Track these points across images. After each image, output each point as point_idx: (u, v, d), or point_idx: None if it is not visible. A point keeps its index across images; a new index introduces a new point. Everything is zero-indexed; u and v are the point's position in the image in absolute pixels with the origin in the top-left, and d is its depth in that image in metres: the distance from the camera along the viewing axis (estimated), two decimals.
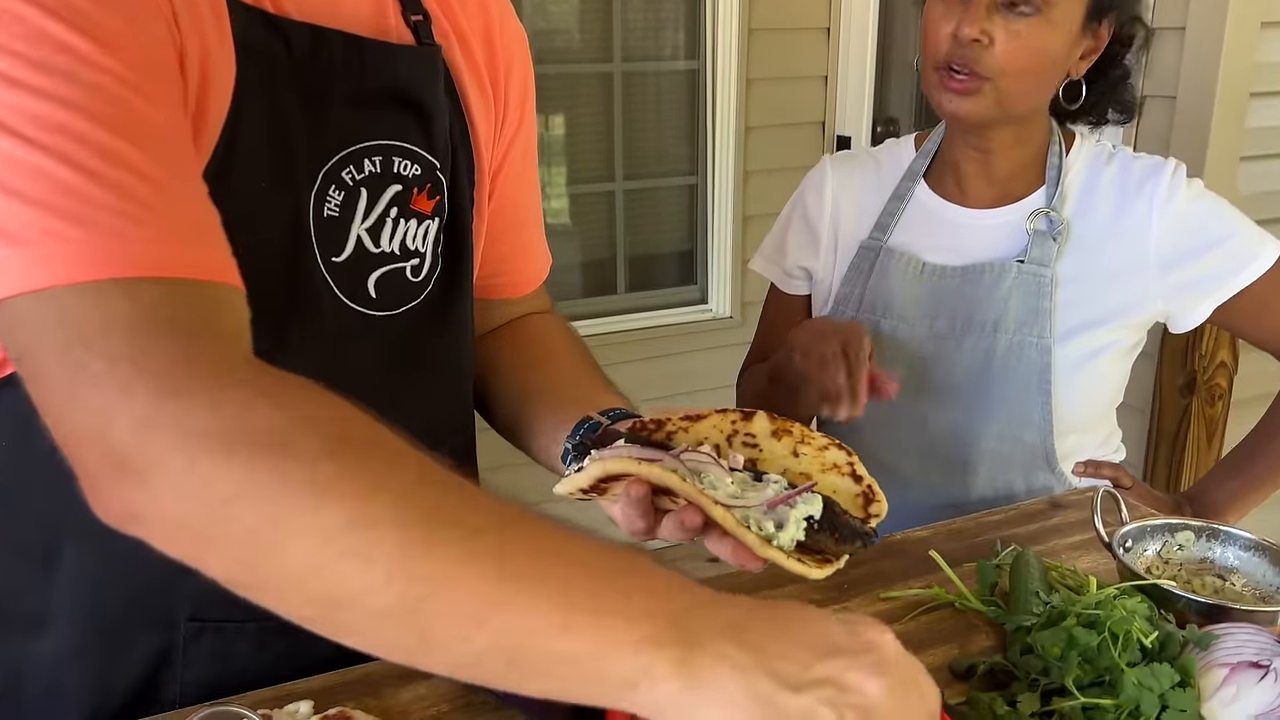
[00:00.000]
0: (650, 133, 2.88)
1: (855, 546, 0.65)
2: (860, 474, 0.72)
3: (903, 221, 1.19)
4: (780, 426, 0.74)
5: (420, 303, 0.80)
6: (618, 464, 0.64)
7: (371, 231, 0.75)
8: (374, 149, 0.74)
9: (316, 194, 0.71)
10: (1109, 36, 1.09)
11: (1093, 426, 1.18)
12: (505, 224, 0.91)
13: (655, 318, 2.94)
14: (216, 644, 0.75)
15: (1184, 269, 1.10)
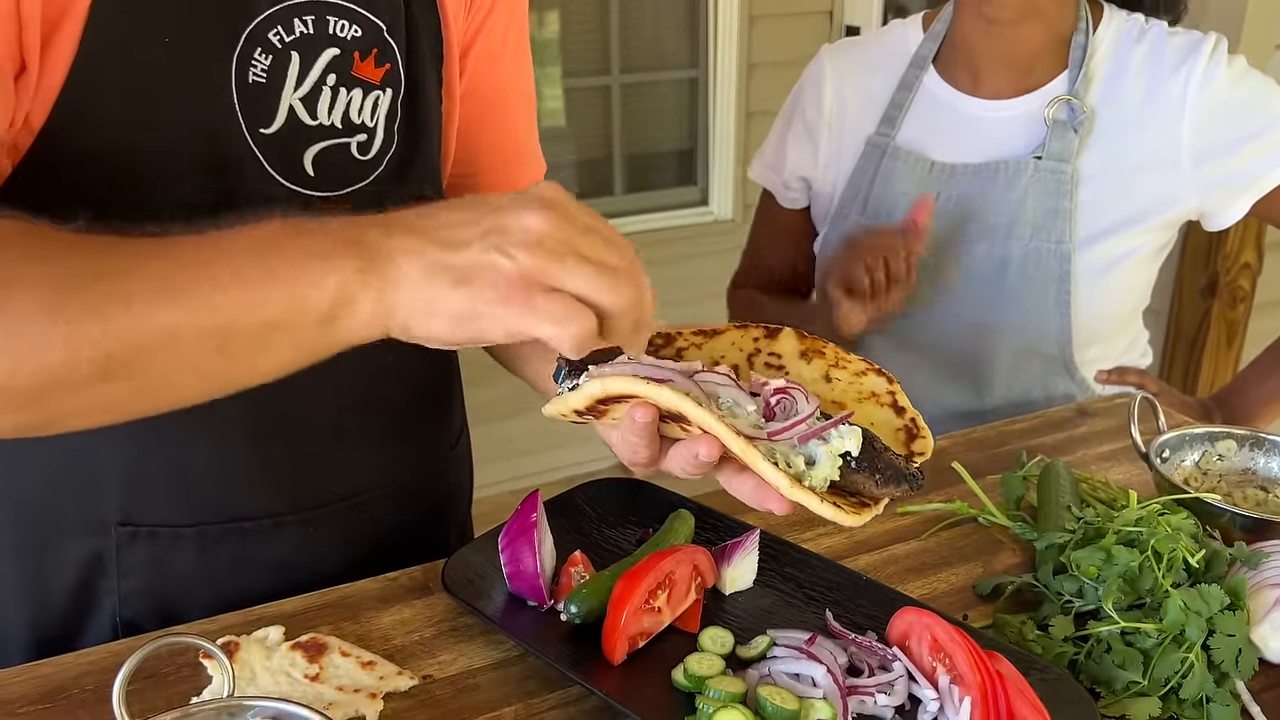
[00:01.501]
0: (648, 23, 2.74)
1: (901, 489, 0.56)
2: (903, 405, 0.62)
3: (911, 114, 1.09)
4: (811, 346, 0.64)
5: (370, 184, 0.72)
6: (621, 383, 0.55)
7: (307, 101, 0.67)
8: (304, 7, 0.66)
9: (239, 58, 0.64)
10: None
11: (1115, 335, 1.10)
12: (481, 111, 0.82)
13: (654, 220, 2.84)
14: (152, 550, 0.71)
15: (1221, 162, 1.00)
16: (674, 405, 0.53)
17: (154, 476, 0.70)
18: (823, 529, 0.82)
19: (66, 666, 0.65)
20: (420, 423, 0.84)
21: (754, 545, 0.72)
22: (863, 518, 0.55)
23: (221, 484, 0.71)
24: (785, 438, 0.55)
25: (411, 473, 0.83)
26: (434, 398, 0.85)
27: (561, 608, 0.67)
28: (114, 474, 0.69)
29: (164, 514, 0.70)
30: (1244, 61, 1.01)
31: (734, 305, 1.31)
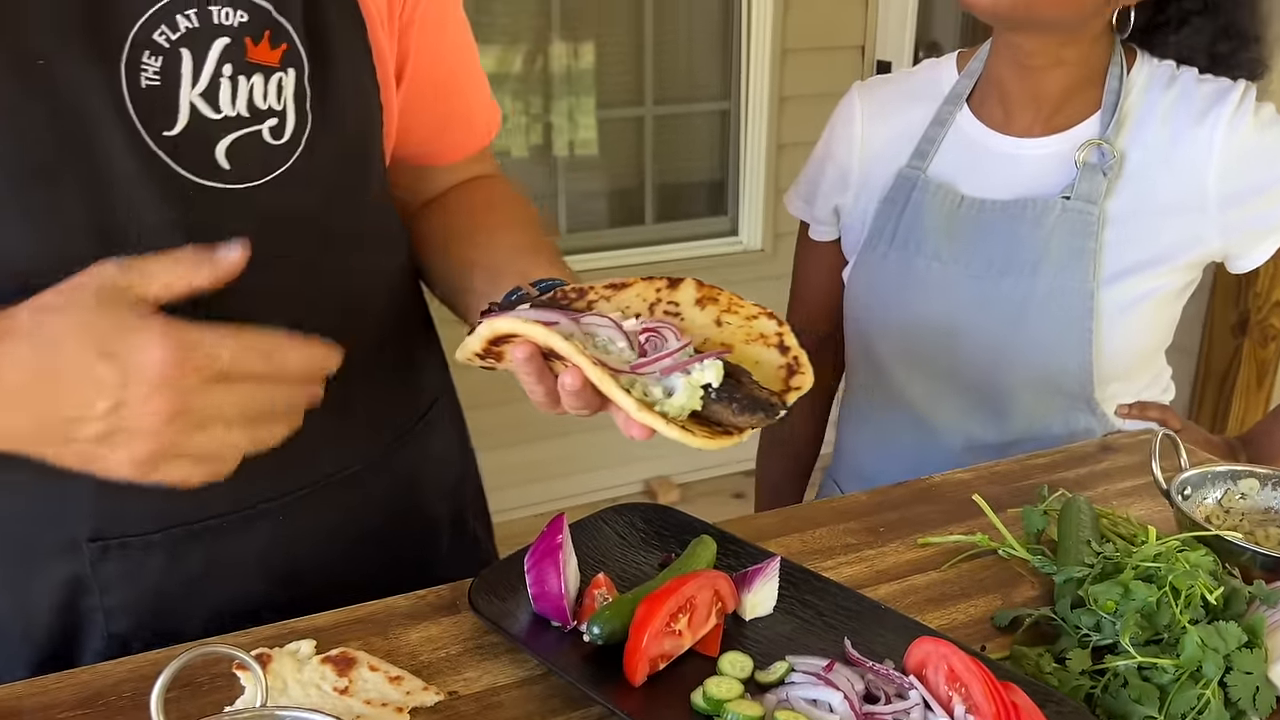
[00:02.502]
0: (682, 56, 2.78)
1: (757, 418, 0.60)
2: (788, 344, 0.66)
3: (943, 149, 1.11)
4: (706, 294, 0.68)
5: (295, 164, 0.72)
6: (505, 324, 0.61)
7: (208, 95, 0.68)
8: (184, 2, 0.66)
9: (128, 64, 0.64)
10: None
11: (1137, 373, 1.10)
12: (429, 86, 0.84)
13: (684, 249, 2.87)
14: (126, 563, 0.72)
15: (1246, 206, 1.01)
16: (545, 340, 0.59)
17: (119, 487, 0.68)
18: (843, 558, 0.83)
19: (106, 674, 0.68)
20: (381, 390, 0.84)
21: (774, 572, 0.73)
22: (719, 443, 0.59)
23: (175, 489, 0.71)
24: (648, 370, 0.60)
25: (378, 446, 0.84)
26: (396, 361, 0.87)
27: (584, 629, 0.68)
28: (81, 490, 0.69)
29: (133, 524, 0.71)
30: (1272, 109, 1.02)
31: None
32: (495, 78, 2.62)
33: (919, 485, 0.95)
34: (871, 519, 0.89)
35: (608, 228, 2.86)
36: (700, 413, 0.60)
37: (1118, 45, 1.06)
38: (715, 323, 0.67)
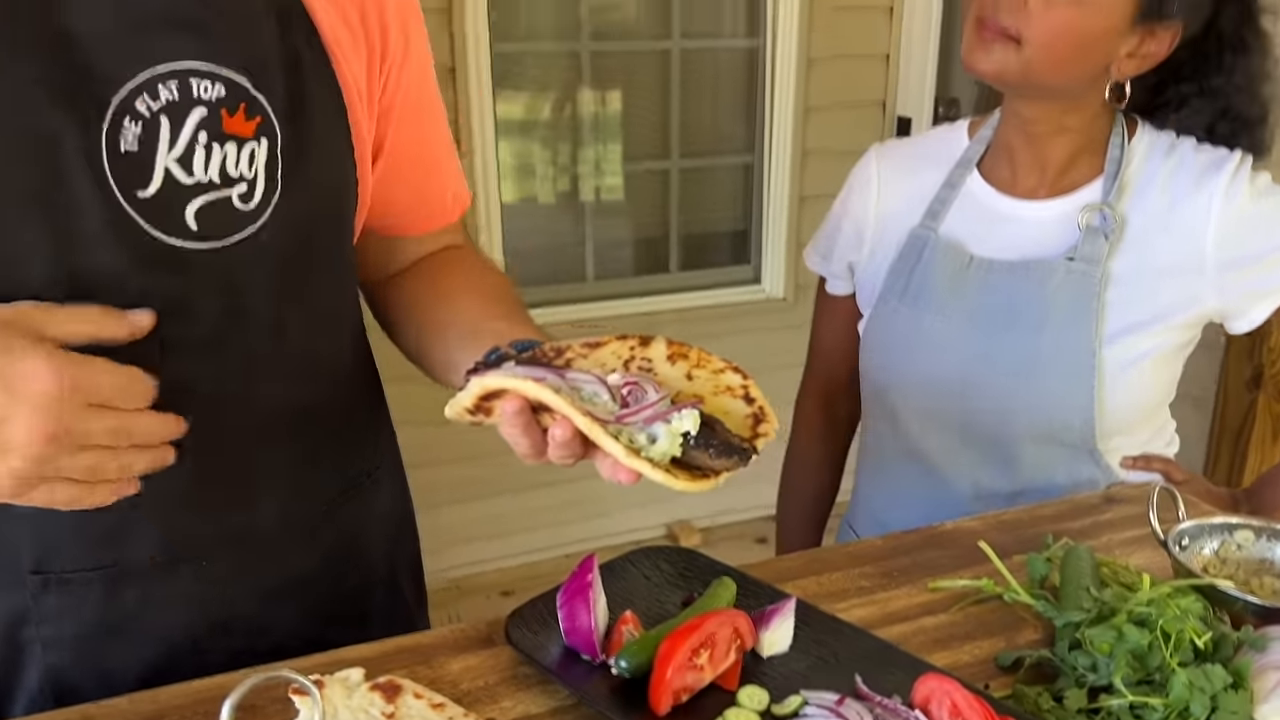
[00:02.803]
0: (707, 111, 2.87)
1: (731, 462, 0.65)
2: (753, 396, 0.71)
3: (953, 210, 1.17)
4: (676, 351, 0.74)
5: (259, 229, 0.76)
6: (495, 381, 0.66)
7: (183, 161, 0.72)
8: (166, 75, 0.71)
9: (110, 130, 0.69)
10: (1171, 44, 1.05)
11: (1139, 427, 1.15)
12: (405, 165, 0.90)
13: (708, 297, 2.93)
14: (65, 598, 0.76)
15: (1243, 271, 1.06)
16: (536, 395, 0.65)
17: (59, 522, 0.73)
18: (856, 600, 0.88)
19: (173, 695, 0.74)
20: (329, 448, 0.88)
21: (790, 612, 0.79)
22: (698, 486, 0.65)
23: (118, 523, 0.76)
24: (632, 420, 0.65)
25: (323, 501, 0.87)
26: (347, 421, 0.90)
27: (612, 662, 0.74)
28: (23, 523, 0.74)
29: (70, 561, 0.76)
30: (1268, 178, 1.08)
31: (800, 412, 1.41)
32: (524, 125, 2.72)
33: (930, 532, 1.00)
34: (884, 564, 0.94)
35: (633, 274, 2.94)
36: (680, 458, 0.65)
37: (1119, 115, 1.12)
38: (686, 377, 0.73)
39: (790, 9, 2.69)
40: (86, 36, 0.68)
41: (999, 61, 1.03)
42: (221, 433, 0.77)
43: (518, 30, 2.59)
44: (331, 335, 0.87)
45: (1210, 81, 1.09)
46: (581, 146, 2.79)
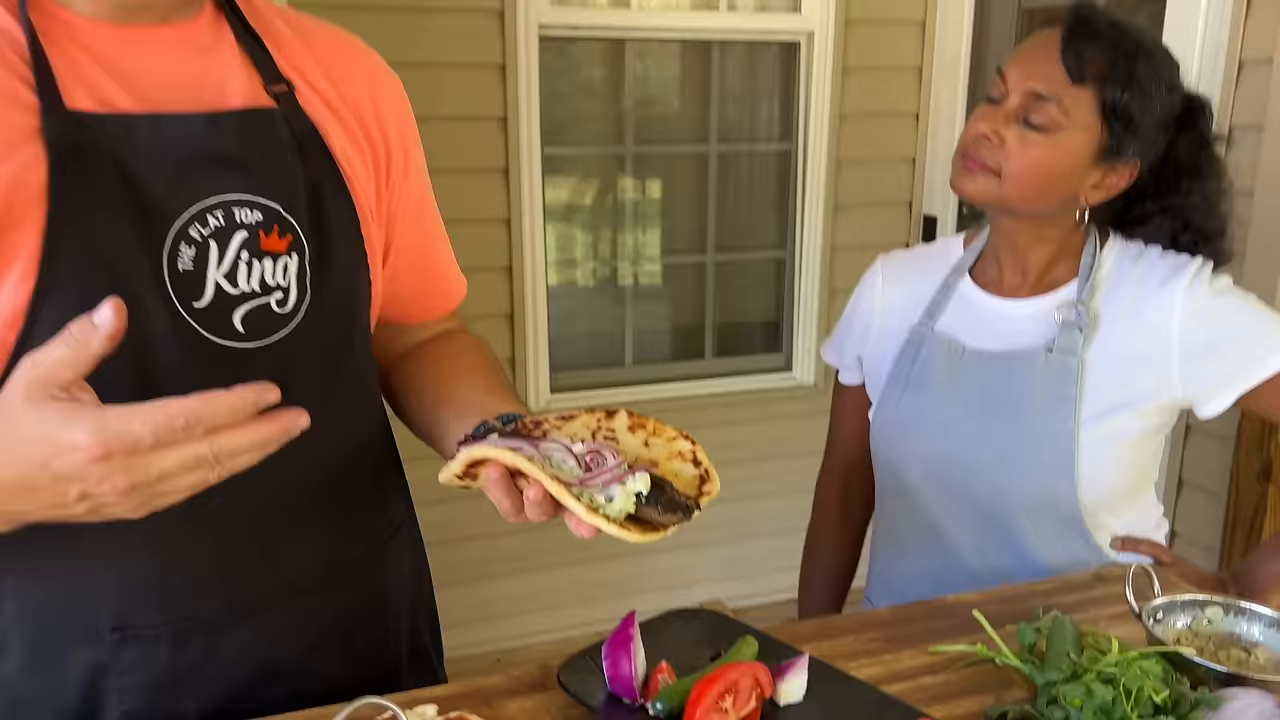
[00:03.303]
0: (742, 209, 3.05)
1: (677, 517, 0.76)
2: (700, 460, 0.82)
3: (949, 310, 1.32)
4: (636, 422, 0.85)
5: (295, 329, 0.89)
6: (480, 450, 0.77)
7: (229, 276, 0.85)
8: (212, 206, 0.84)
9: (169, 254, 0.82)
10: (1130, 176, 1.20)
11: (1123, 506, 1.26)
12: (409, 264, 1.04)
13: (741, 383, 3.07)
14: (141, 651, 0.86)
15: (1206, 361, 1.18)
16: (512, 462, 0.76)
17: (135, 585, 0.85)
18: (864, 660, 0.99)
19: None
20: (356, 512, 0.99)
21: (804, 666, 0.91)
22: (649, 538, 0.75)
23: (190, 583, 0.87)
24: (593, 483, 0.76)
25: (351, 560, 0.98)
26: (370, 488, 1.02)
27: (650, 705, 0.86)
28: (105, 584, 0.85)
29: (148, 617, 0.86)
30: (1226, 280, 1.21)
31: (820, 491, 1.55)
32: (568, 209, 2.90)
33: (934, 604, 1.11)
34: (891, 629, 1.05)
35: (670, 360, 3.08)
36: (634, 514, 0.76)
37: (1093, 227, 1.27)
38: (644, 444, 0.84)
39: (821, 116, 2.88)
40: (150, 180, 0.82)
41: (981, 189, 1.19)
42: (269, 495, 0.87)
43: (566, 135, 2.80)
44: (357, 408, 1.00)
45: (1171, 201, 1.24)
46: (622, 234, 2.97)
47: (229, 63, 0.89)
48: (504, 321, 2.72)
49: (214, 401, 0.66)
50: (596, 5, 2.71)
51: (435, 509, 1.37)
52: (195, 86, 0.87)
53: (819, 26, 2.82)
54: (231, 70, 0.89)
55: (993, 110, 1.19)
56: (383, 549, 1.03)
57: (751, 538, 3.06)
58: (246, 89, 0.89)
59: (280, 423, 0.69)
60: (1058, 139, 1.16)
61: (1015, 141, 1.17)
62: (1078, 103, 1.15)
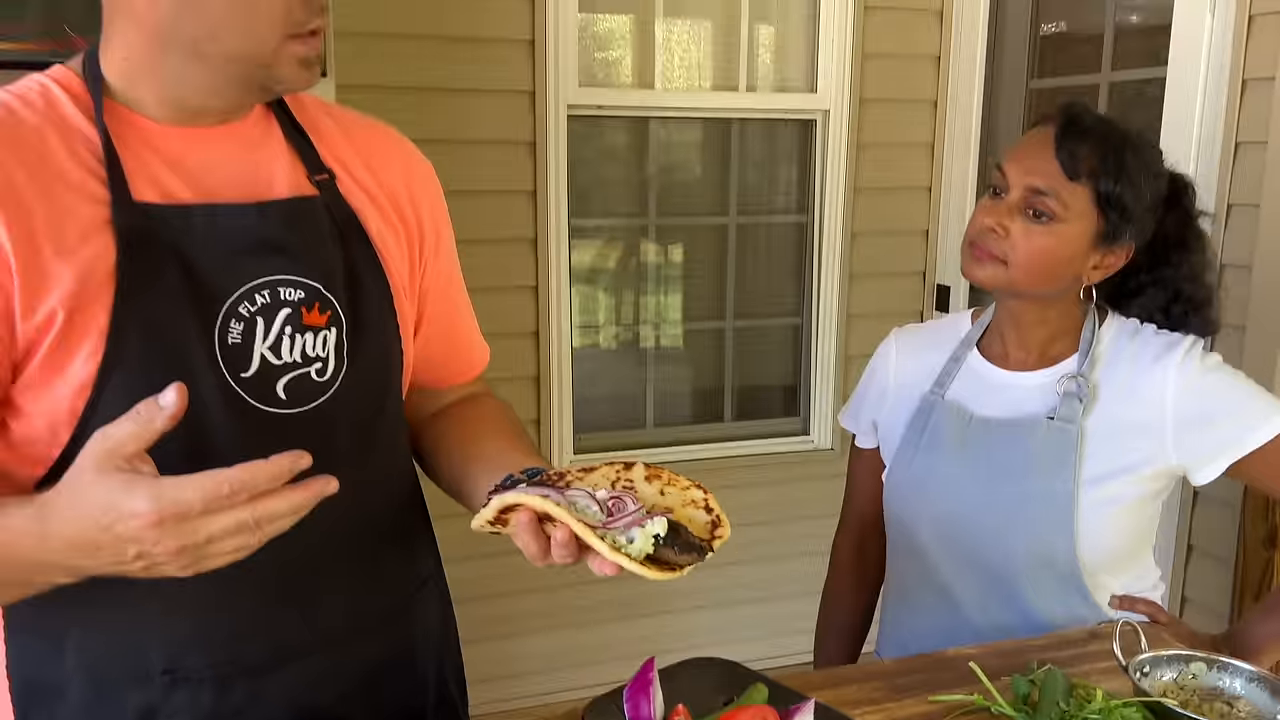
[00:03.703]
0: (761, 277, 3.15)
1: (692, 557, 0.82)
2: (712, 507, 0.89)
3: (958, 379, 1.41)
4: (652, 473, 0.92)
5: (332, 395, 0.97)
6: (511, 497, 0.85)
7: (273, 348, 0.93)
8: (260, 285, 0.93)
9: (220, 329, 0.91)
10: (1127, 256, 1.31)
11: (1121, 567, 1.33)
12: (438, 333, 1.13)
13: (760, 446, 3.14)
14: (189, 694, 0.92)
15: (1198, 431, 1.26)
16: (541, 506, 0.83)
17: (183, 633, 0.92)
18: (868, 708, 1.06)
19: None
20: (387, 565, 1.06)
21: (810, 710, 0.98)
22: (667, 576, 0.81)
23: (237, 629, 0.94)
24: (616, 525, 0.83)
25: (382, 610, 1.05)
26: (401, 543, 1.09)
27: None
28: (156, 629, 0.92)
29: (197, 662, 0.93)
30: (1217, 357, 1.30)
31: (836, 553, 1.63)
32: (591, 273, 3.02)
33: (936, 656, 1.18)
34: (894, 680, 1.12)
35: (691, 423, 3.17)
36: (652, 555, 0.82)
37: (1092, 306, 1.36)
38: (659, 492, 0.92)
39: (836, 189, 3.00)
40: (205, 263, 0.91)
41: (990, 275, 1.29)
42: (306, 551, 0.92)
43: (592, 205, 2.93)
44: (389, 468, 1.09)
45: (1162, 273, 1.34)
46: (645, 299, 3.08)
47: (277, 156, 1.00)
48: (530, 384, 2.82)
49: (255, 470, 0.74)
50: (622, 86, 2.85)
51: (462, 565, 1.44)
52: (247, 179, 0.97)
53: (834, 105, 2.95)
54: (279, 163, 1.00)
55: (996, 204, 1.30)
56: (410, 601, 1.10)
57: (770, 600, 3.11)
58: (292, 179, 1.00)
59: (312, 488, 0.77)
60: (1058, 229, 1.26)
61: (1020, 233, 1.27)
62: (1075, 196, 1.25)
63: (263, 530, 0.76)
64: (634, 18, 2.85)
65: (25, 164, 0.86)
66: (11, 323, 0.85)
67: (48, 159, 0.88)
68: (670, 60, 2.89)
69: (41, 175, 0.87)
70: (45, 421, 0.87)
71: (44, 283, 0.85)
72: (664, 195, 3.00)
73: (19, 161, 0.86)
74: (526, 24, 2.60)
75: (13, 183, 0.85)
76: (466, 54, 2.56)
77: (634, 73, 2.88)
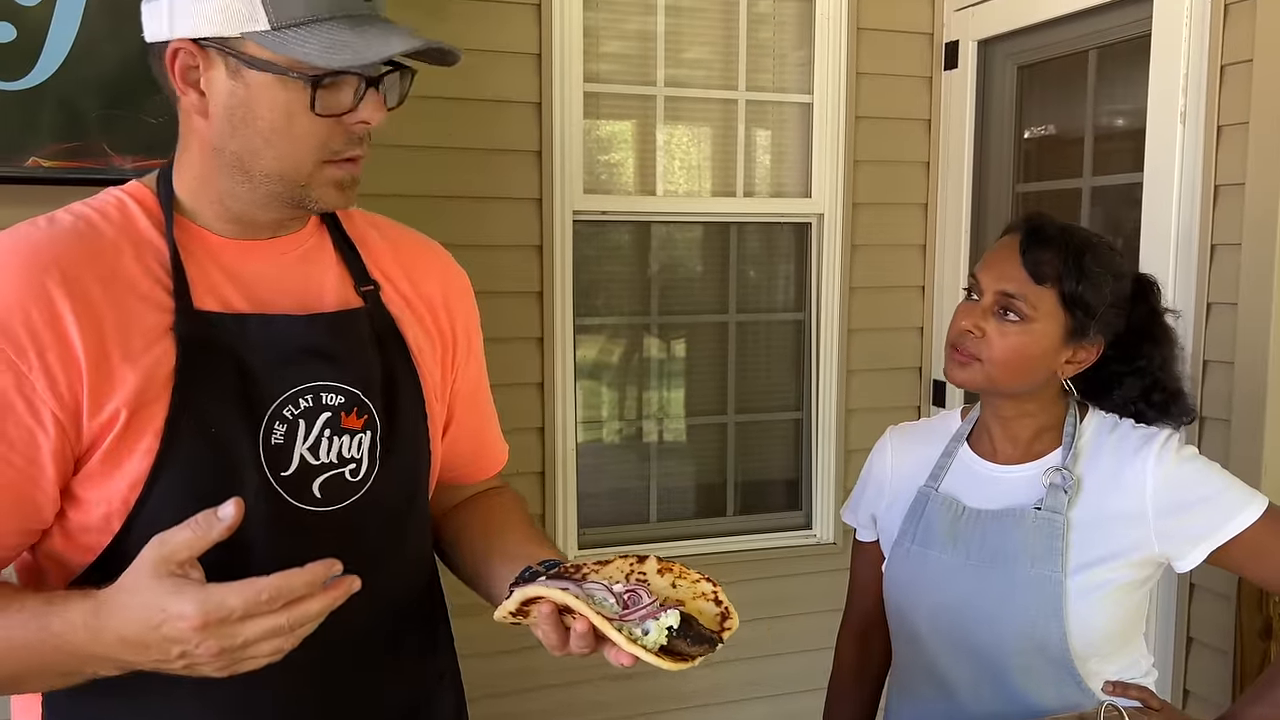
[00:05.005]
0: (761, 373, 3.23)
1: (704, 649, 0.87)
2: (721, 599, 0.94)
3: (950, 474, 1.48)
4: (664, 566, 0.97)
5: (363, 495, 1.02)
6: (534, 589, 0.89)
7: (312, 449, 0.99)
8: (304, 390, 0.99)
9: (265, 430, 0.97)
10: (1098, 351, 1.39)
11: (1112, 652, 1.38)
12: (465, 434, 1.20)
13: (762, 540, 3.17)
14: None
15: (1177, 519, 1.33)
16: (561, 599, 0.87)
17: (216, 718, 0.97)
18: None
19: None
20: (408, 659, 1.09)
21: None
22: (680, 666, 0.85)
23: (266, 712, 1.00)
24: (631, 618, 0.88)
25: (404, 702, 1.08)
26: (422, 637, 1.13)
27: None
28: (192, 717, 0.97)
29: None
30: (1192, 449, 1.37)
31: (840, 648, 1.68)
32: (596, 369, 3.09)
33: None
34: None
35: (694, 517, 3.21)
36: (666, 646, 0.87)
37: (1073, 401, 1.43)
38: (671, 585, 0.97)
39: (831, 288, 3.10)
40: (256, 369, 0.98)
41: (969, 376, 1.37)
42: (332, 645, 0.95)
43: (596, 304, 3.03)
44: (415, 563, 1.14)
45: (1136, 363, 1.43)
46: (648, 394, 3.15)
47: (327, 269, 1.08)
48: (535, 479, 2.88)
49: (292, 578, 0.80)
50: (625, 193, 2.99)
51: (476, 662, 1.47)
52: (298, 290, 1.05)
53: (828, 209, 3.08)
54: (329, 275, 1.08)
55: (972, 307, 1.39)
56: (430, 695, 1.14)
57: (774, 696, 3.10)
58: (340, 290, 1.08)
59: (340, 588, 0.83)
60: (1030, 328, 1.35)
61: (994, 332, 1.36)
62: (1041, 298, 1.34)
63: (295, 633, 0.82)
64: (635, 123, 3.00)
65: (100, 278, 0.95)
66: (79, 422, 0.92)
67: (120, 271, 0.96)
68: (671, 164, 3.03)
69: (114, 286, 0.95)
70: (101, 511, 0.93)
71: (110, 385, 0.92)
72: (666, 294, 3.11)
73: (95, 275, 0.94)
74: (534, 136, 2.74)
75: (89, 297, 0.93)
76: (478, 164, 2.70)
77: (636, 176, 3.01)
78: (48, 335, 0.90)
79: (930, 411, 3.19)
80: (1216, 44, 2.25)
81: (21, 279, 0.90)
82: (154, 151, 1.79)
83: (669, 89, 2.96)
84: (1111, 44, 2.62)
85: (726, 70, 3.04)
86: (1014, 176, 3.01)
